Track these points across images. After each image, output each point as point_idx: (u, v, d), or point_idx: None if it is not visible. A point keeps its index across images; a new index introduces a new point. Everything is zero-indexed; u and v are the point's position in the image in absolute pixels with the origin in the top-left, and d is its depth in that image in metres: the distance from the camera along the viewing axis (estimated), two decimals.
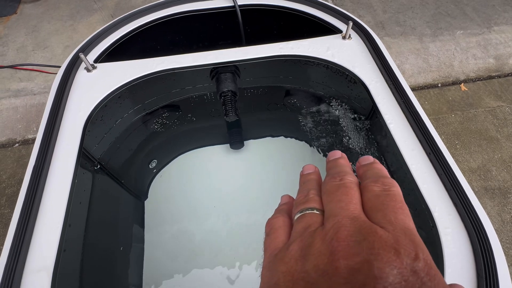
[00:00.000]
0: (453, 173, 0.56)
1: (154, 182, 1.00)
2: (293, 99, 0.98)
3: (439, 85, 1.70)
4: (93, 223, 0.69)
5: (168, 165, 1.04)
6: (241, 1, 0.90)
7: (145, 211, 0.95)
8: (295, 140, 1.09)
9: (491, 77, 1.72)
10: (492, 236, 0.49)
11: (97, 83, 0.73)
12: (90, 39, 0.81)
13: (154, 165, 1.02)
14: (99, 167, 0.77)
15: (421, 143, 0.61)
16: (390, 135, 0.63)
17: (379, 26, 1.91)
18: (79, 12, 2.02)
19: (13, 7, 2.05)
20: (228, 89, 0.80)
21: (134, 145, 0.94)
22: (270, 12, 0.93)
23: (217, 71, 0.81)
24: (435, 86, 1.69)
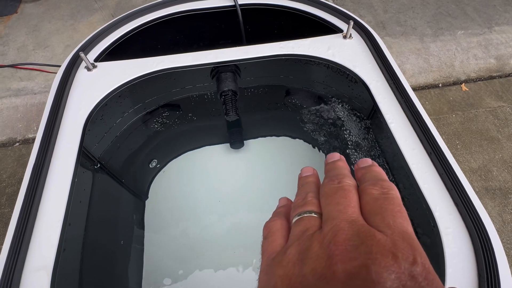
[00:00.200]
0: (454, 172, 0.55)
1: (154, 181, 1.00)
2: (293, 99, 0.98)
3: (440, 85, 1.69)
4: (93, 223, 0.69)
5: (168, 164, 1.04)
6: (241, 0, 0.90)
7: (145, 211, 0.95)
8: (295, 139, 1.08)
9: (492, 77, 1.72)
10: (494, 236, 0.49)
11: (98, 82, 0.73)
12: (90, 38, 0.81)
13: (154, 164, 1.02)
14: (99, 166, 0.77)
15: (422, 142, 0.60)
16: (391, 134, 0.63)
17: (379, 26, 1.91)
18: (79, 12, 2.02)
19: (14, 6, 2.05)
20: (228, 88, 0.79)
21: (134, 144, 0.94)
22: (270, 11, 0.93)
23: (217, 70, 0.81)
24: (436, 86, 1.69)
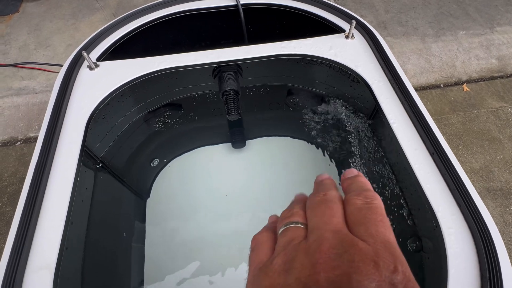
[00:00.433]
0: (456, 173, 0.55)
1: (156, 181, 1.00)
2: (295, 99, 0.98)
3: (441, 85, 1.69)
4: (94, 222, 0.69)
5: (169, 164, 1.04)
6: (243, 0, 0.90)
7: (147, 210, 0.95)
8: (297, 139, 1.08)
9: (493, 78, 1.71)
10: (496, 236, 0.49)
11: (100, 81, 0.73)
12: (92, 37, 0.81)
13: (156, 164, 1.02)
14: (101, 165, 0.77)
15: (425, 142, 0.60)
16: (393, 134, 0.63)
17: (381, 26, 1.91)
18: (81, 11, 2.02)
19: (15, 5, 2.05)
20: (230, 88, 0.79)
21: (136, 143, 0.94)
22: (272, 11, 0.93)
23: (219, 70, 0.81)
24: (437, 86, 1.69)
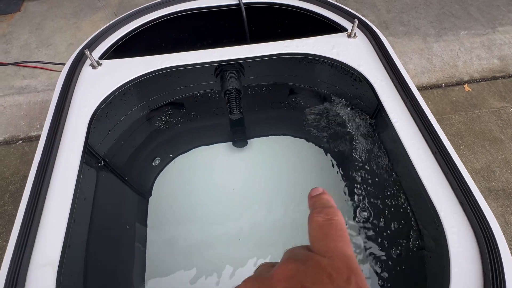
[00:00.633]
0: (459, 172, 0.55)
1: (157, 179, 1.00)
2: (297, 98, 0.98)
3: (443, 85, 1.69)
4: (97, 220, 0.69)
5: (171, 162, 1.04)
6: None
7: (149, 208, 0.95)
8: (298, 138, 1.08)
9: (495, 78, 1.71)
10: (499, 235, 0.49)
11: (102, 80, 0.73)
12: (95, 35, 0.81)
13: (158, 162, 1.02)
14: (103, 164, 0.77)
15: (427, 142, 0.60)
16: (395, 134, 0.63)
17: (382, 25, 1.91)
18: (82, 10, 2.02)
19: (17, 4, 2.05)
20: (232, 86, 0.79)
21: (138, 142, 0.95)
22: (274, 10, 0.93)
23: (221, 68, 0.81)
24: (439, 86, 1.69)
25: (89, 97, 0.70)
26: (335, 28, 0.84)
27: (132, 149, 0.93)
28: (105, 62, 0.76)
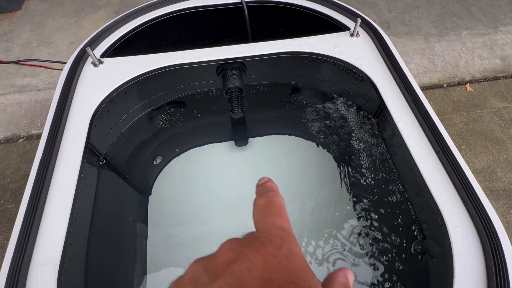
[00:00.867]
0: (462, 171, 0.55)
1: (158, 178, 1.00)
2: (299, 97, 0.97)
3: (445, 85, 1.68)
4: (98, 218, 0.69)
5: (172, 161, 1.04)
6: None
7: (149, 207, 0.95)
8: (300, 137, 1.08)
9: (497, 78, 1.71)
10: (502, 235, 0.49)
11: (104, 78, 0.72)
12: (97, 33, 0.81)
13: (159, 161, 1.02)
14: (104, 162, 0.77)
15: (430, 141, 0.60)
16: (398, 133, 0.62)
17: (384, 25, 1.90)
18: (83, 9, 2.02)
19: (18, 3, 2.05)
20: (234, 85, 0.79)
21: (139, 141, 0.94)
22: (276, 9, 0.92)
23: (223, 67, 0.81)
24: (441, 86, 1.68)
25: (90, 95, 0.70)
26: (338, 27, 0.84)
27: (133, 147, 0.93)
28: (106, 60, 0.76)
